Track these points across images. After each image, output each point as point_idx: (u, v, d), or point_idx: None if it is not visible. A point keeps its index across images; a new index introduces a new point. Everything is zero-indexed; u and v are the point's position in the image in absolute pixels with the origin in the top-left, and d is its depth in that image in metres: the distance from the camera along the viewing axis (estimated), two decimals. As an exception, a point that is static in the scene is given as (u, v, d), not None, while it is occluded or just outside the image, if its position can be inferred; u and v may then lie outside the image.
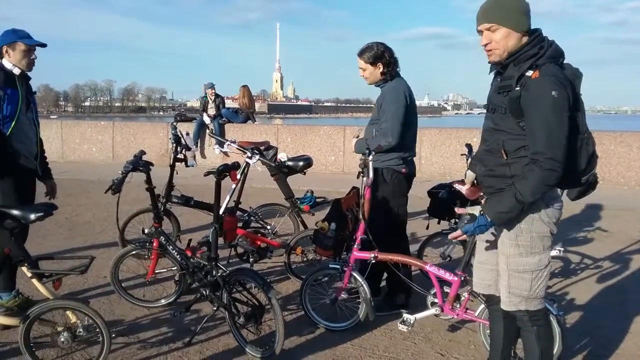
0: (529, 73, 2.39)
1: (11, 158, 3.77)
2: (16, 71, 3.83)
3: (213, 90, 12.85)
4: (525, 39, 2.45)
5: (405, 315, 3.59)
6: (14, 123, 3.78)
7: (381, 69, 4.00)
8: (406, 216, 4.24)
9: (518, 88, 2.40)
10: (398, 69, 4.08)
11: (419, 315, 3.64)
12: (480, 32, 2.52)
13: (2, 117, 3.75)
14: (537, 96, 2.34)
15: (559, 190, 2.69)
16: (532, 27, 2.47)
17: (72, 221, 7.10)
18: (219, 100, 12.79)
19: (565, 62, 2.49)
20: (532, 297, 2.59)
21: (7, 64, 3.82)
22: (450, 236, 2.85)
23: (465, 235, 2.64)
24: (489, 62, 2.57)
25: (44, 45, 3.99)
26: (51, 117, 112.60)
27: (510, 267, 2.59)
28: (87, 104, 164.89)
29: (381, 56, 3.98)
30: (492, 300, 2.85)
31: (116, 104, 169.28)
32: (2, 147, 3.71)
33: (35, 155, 4.03)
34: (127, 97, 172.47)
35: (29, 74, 3.95)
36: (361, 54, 4.01)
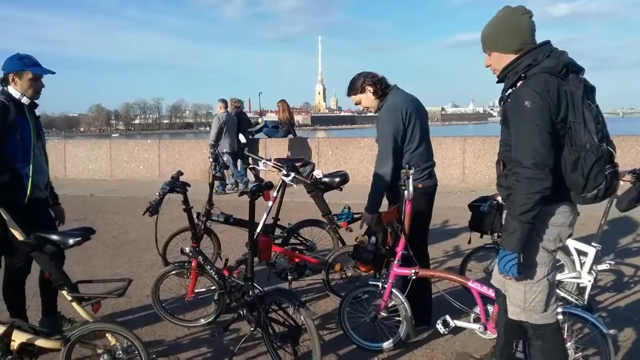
0: (519, 84, 2.52)
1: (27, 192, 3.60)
2: (25, 101, 3.63)
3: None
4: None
5: (447, 318, 3.58)
6: (32, 159, 3.61)
7: (372, 91, 3.99)
8: (426, 233, 4.12)
9: (509, 100, 2.55)
10: (390, 84, 4.05)
11: (459, 323, 3.60)
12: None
13: (20, 154, 3.56)
14: (514, 106, 2.48)
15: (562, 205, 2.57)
16: (545, 40, 2.57)
17: (118, 239, 7.27)
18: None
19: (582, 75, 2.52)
20: (529, 310, 2.67)
21: (14, 92, 3.61)
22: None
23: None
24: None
25: (52, 73, 3.76)
26: (113, 135, 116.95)
27: None
28: (136, 121, 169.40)
29: (363, 81, 4.01)
30: None
31: (164, 121, 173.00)
32: (18, 187, 3.55)
33: (46, 184, 3.88)
34: (175, 114, 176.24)
35: (36, 101, 3.73)
36: (348, 92, 4.13)
